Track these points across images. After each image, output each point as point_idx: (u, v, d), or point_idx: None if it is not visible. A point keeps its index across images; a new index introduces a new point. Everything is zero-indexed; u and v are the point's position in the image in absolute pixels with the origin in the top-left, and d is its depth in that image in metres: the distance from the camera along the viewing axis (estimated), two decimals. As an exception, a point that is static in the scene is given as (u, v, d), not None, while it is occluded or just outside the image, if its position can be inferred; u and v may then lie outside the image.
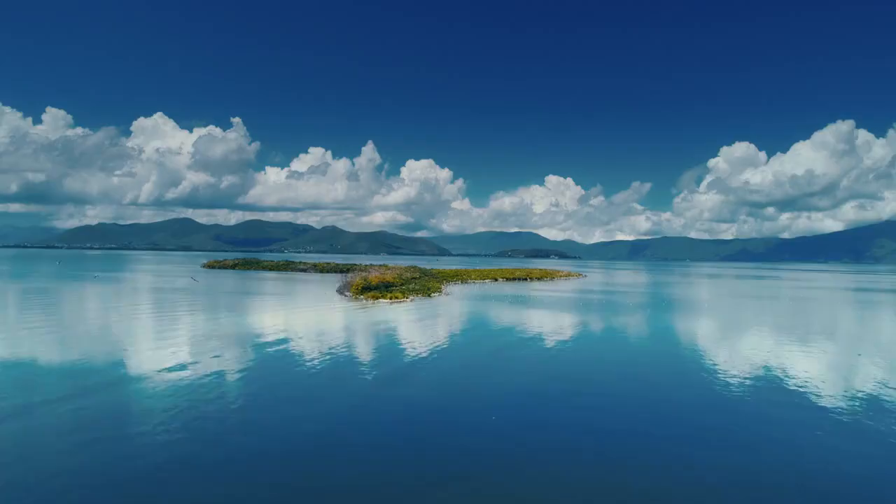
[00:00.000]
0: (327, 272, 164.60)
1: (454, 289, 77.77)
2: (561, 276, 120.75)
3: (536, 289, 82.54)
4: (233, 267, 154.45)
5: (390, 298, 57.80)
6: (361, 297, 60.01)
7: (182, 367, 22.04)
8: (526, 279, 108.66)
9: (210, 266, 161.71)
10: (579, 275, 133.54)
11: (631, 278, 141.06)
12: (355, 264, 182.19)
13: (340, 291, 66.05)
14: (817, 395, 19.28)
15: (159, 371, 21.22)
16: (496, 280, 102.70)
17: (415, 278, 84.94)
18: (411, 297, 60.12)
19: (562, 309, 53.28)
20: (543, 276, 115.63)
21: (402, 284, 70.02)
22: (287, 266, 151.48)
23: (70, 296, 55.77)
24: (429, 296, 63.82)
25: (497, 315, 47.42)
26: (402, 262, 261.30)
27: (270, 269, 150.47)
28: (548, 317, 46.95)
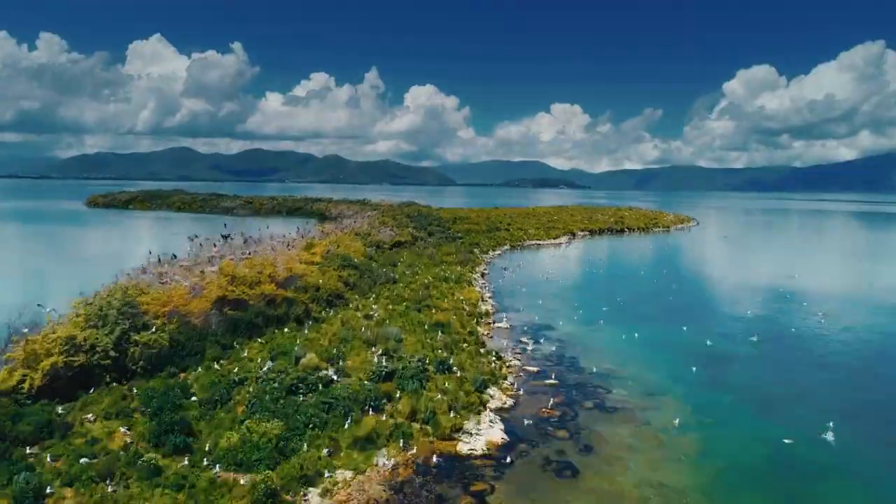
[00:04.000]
0: (268, 214, 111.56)
1: (514, 280, 30.33)
2: (670, 223, 67.91)
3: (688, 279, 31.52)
4: (126, 205, 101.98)
5: None
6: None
7: None
8: (621, 230, 55.95)
9: (93, 203, 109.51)
10: (690, 220, 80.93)
11: (770, 226, 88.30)
12: (320, 198, 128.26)
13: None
14: None
15: None
16: (573, 235, 50.25)
17: (400, 243, 33.25)
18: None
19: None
20: (645, 223, 63.09)
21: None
22: (205, 204, 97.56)
23: None
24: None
25: None
26: (401, 196, 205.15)
27: (180, 209, 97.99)
28: None
